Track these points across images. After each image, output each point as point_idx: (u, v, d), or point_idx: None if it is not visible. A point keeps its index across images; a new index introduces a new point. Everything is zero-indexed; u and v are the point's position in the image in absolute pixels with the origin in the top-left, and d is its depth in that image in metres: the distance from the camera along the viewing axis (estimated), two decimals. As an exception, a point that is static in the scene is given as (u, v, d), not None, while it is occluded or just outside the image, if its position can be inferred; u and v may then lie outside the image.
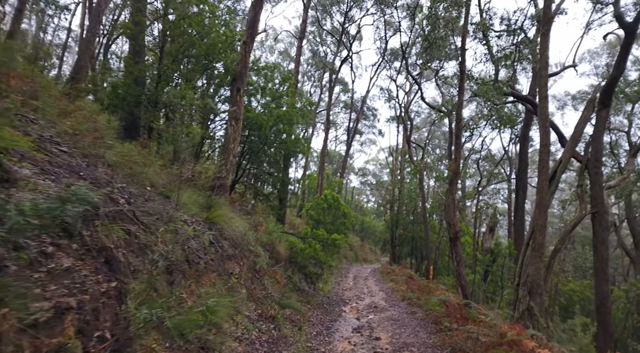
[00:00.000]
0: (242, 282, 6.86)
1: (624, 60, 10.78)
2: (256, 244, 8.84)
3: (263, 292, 7.51)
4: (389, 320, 8.48)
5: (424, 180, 20.45)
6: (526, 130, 16.17)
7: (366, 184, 56.64)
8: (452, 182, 9.28)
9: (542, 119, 7.36)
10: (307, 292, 10.55)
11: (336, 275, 17.06)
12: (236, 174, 12.69)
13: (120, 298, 3.13)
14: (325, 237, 10.87)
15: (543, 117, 7.36)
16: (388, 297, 12.07)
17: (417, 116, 35.87)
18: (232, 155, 9.95)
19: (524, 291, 11.77)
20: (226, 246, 6.60)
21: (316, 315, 8.54)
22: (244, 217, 10.75)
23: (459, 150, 9.26)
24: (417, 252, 23.38)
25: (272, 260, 9.46)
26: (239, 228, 7.57)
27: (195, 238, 5.49)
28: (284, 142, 12.62)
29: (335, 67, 25.56)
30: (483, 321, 6.56)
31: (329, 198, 19.34)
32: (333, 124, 40.78)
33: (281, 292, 8.80)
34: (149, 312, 2.93)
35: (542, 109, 7.32)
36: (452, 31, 10.90)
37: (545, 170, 7.38)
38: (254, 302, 6.95)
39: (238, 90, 10.00)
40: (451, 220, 9.23)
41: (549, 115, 14.09)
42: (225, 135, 10.09)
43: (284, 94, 12.76)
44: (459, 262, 9.11)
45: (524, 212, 16.49)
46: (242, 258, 7.23)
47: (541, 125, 7.43)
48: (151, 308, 3.03)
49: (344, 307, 10.21)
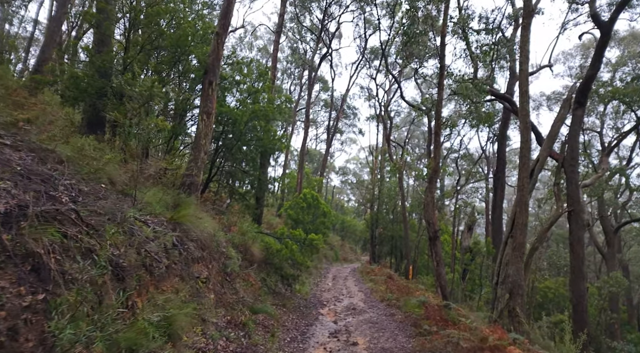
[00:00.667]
0: (211, 286, 6.41)
1: (599, 59, 10.84)
2: (228, 245, 8.39)
3: (234, 296, 7.07)
4: (368, 323, 8.19)
5: (403, 179, 20.36)
6: (504, 129, 16.25)
7: (347, 183, 56.60)
8: (431, 179, 9.08)
9: (522, 114, 7.22)
10: (283, 294, 10.16)
11: (315, 276, 16.71)
12: (210, 172, 12.17)
13: (48, 314, 2.66)
14: (302, 237, 10.50)
15: (524, 113, 7.22)
16: (367, 298, 11.80)
17: (397, 115, 35.93)
18: (203, 152, 9.45)
19: (502, 290, 11.73)
20: (192, 248, 6.13)
21: (291, 319, 8.16)
22: (215, 217, 10.26)
23: (438, 147, 9.06)
24: (396, 251, 23.31)
25: (246, 262, 9.02)
26: (208, 229, 7.09)
27: (155, 240, 5.02)
28: (261, 139, 12.17)
29: (315, 64, 25.21)
30: (463, 324, 6.35)
31: (308, 197, 18.99)
32: (313, 122, 40.45)
33: (255, 296, 8.38)
34: (74, 331, 2.48)
35: (522, 104, 7.18)
36: (431, 26, 10.72)
37: (526, 167, 7.25)
38: (224, 307, 6.51)
39: (210, 84, 9.51)
40: (430, 219, 9.02)
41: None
42: (197, 131, 9.58)
43: (260, 89, 12.32)
44: (438, 262, 8.91)
45: (502, 210, 16.57)
46: (211, 261, 6.78)
47: (522, 121, 7.28)
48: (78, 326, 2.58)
49: (322, 309, 9.87)
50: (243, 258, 9.00)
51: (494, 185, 15.87)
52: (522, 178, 7.21)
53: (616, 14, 10.08)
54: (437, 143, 9.01)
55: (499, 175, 15.71)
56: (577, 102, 11.52)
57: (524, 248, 7.30)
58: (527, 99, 7.22)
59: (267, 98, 12.35)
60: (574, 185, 11.37)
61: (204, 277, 6.26)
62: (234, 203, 14.16)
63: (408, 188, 29.38)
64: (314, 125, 42.03)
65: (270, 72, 14.27)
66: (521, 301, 7.12)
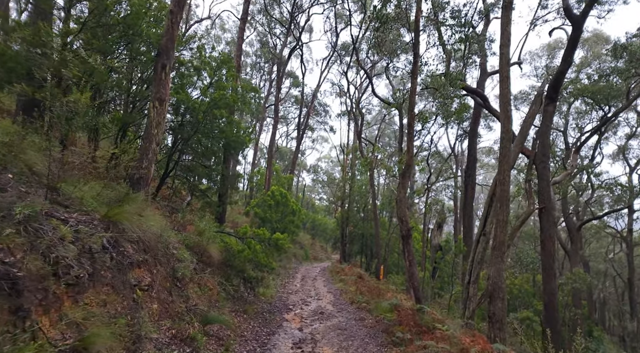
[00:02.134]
0: (154, 294, 5.54)
1: (571, 53, 10.71)
2: (181, 247, 7.50)
3: (184, 305, 6.21)
4: (336, 329, 7.54)
5: (374, 176, 19.92)
6: (475, 125, 16.13)
7: (318, 182, 56.05)
8: (404, 175, 8.56)
9: (503, 102, 6.80)
10: (245, 299, 9.35)
11: (283, 277, 15.94)
12: (167, 166, 11.17)
13: None
14: (266, 236, 9.72)
15: (505, 100, 6.79)
16: (336, 300, 11.18)
17: (368, 113, 35.70)
18: (155, 143, 8.47)
19: (474, 289, 11.42)
20: (131, 251, 5.24)
21: (252, 328, 7.38)
22: (169, 216, 9.31)
23: (411, 140, 8.56)
24: (367, 250, 22.90)
25: (202, 265, 8.15)
26: (154, 228, 6.19)
27: (76, 242, 4.12)
28: (223, 131, 11.27)
29: (284, 58, 24.36)
30: (440, 331, 5.82)
31: (277, 195, 18.18)
32: (283, 118, 39.55)
33: (211, 303, 7.53)
34: None
35: (503, 90, 6.75)
36: (405, 9, 10.20)
37: (507, 159, 6.82)
38: (170, 319, 5.65)
39: (163, 67, 8.55)
40: (403, 217, 8.50)
41: (495, 111, 13.99)
42: (148, 119, 8.59)
43: (222, 76, 11.41)
44: (411, 262, 8.41)
45: (473, 207, 16.47)
46: (156, 265, 5.89)
47: (502, 110, 6.85)
48: None
49: (287, 314, 9.13)
50: (199, 260, 8.13)
51: (465, 183, 15.71)
52: (503, 172, 6.78)
53: (588, 8, 9.97)
54: (411, 136, 8.50)
55: (470, 172, 15.55)
56: (549, 98, 11.39)
57: (505, 247, 6.90)
58: (507, 85, 6.79)
59: (231, 87, 11.47)
60: (545, 182, 11.22)
61: (145, 284, 5.38)
62: (195, 200, 13.17)
63: (379, 186, 29.09)
64: (284, 122, 41.13)
65: (234, 60, 13.35)
66: (502, 306, 6.68)
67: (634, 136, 25.91)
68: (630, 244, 26.32)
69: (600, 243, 35.77)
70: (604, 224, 29.17)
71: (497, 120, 13.17)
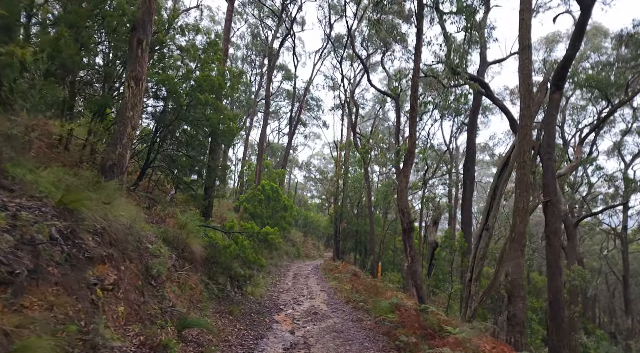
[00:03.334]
0: (121, 295, 4.76)
1: (579, 39, 10.11)
2: (158, 241, 6.71)
3: (158, 306, 5.43)
4: (332, 331, 6.82)
5: (369, 171, 19.21)
6: (474, 117, 15.53)
7: (310, 179, 55.30)
8: (406, 163, 7.86)
9: (524, 75, 6.11)
10: (232, 299, 8.59)
11: (274, 275, 15.18)
12: (148, 156, 10.33)
13: None
14: (255, 230, 8.96)
15: (526, 73, 6.10)
16: (331, 299, 10.47)
17: (362, 109, 35.00)
18: (131, 127, 7.67)
19: (476, 287, 10.79)
20: (92, 244, 4.46)
21: (238, 331, 6.63)
22: (146, 208, 8.50)
23: (414, 125, 7.85)
24: (361, 247, 22.23)
25: (183, 261, 7.37)
26: (124, 220, 5.40)
27: (13, 231, 3.34)
28: (209, 118, 10.46)
29: (275, 50, 23.52)
30: (451, 335, 5.13)
31: (267, 189, 17.39)
32: (275, 114, 38.71)
33: (193, 304, 6.77)
34: None
35: (524, 62, 6.05)
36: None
37: (529, 139, 6.14)
38: (141, 323, 4.87)
39: (139, 43, 7.73)
40: (404, 208, 7.81)
41: (498, 100, 13.39)
42: (122, 101, 7.78)
43: (209, 60, 10.60)
44: (413, 258, 7.72)
45: (472, 203, 15.90)
46: (124, 261, 5.10)
47: (523, 83, 6.15)
48: None
49: (277, 315, 8.39)
50: (179, 257, 7.34)
51: (464, 177, 15.12)
52: (524, 154, 6.08)
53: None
54: (413, 120, 7.79)
55: (469, 166, 14.96)
56: (555, 86, 10.80)
57: (525, 239, 6.22)
58: (529, 55, 6.10)
59: (218, 70, 10.67)
60: (550, 174, 10.64)
61: (109, 283, 4.60)
62: (180, 194, 12.33)
63: (373, 182, 28.47)
64: (275, 117, 40.28)
65: (222, 44, 12.51)
66: (523, 305, 6.00)
67: (629, 132, 25.64)
68: (626, 241, 26.07)
69: (593, 241, 35.61)
70: (599, 221, 28.93)
71: (501, 110, 12.57)
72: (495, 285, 11.72)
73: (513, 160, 10.96)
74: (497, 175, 10.97)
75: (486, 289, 11.07)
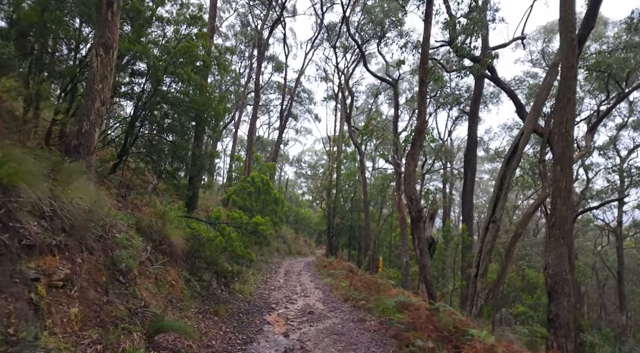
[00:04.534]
0: (75, 293, 3.83)
1: (593, 15, 9.39)
2: (130, 231, 5.77)
3: (126, 306, 4.51)
4: (331, 334, 5.97)
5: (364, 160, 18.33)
6: (475, 106, 14.82)
7: (301, 175, 54.39)
8: (415, 143, 7.03)
9: (565, 26, 5.29)
10: (218, 297, 7.67)
11: (264, 271, 14.28)
12: (125, 142, 9.37)
13: None
14: (244, 220, 8.06)
15: (568, 24, 5.30)
16: (326, 297, 9.63)
17: (355, 101, 34.18)
18: (99, 101, 6.71)
19: (482, 283, 10.06)
20: (35, 229, 3.53)
21: (223, 334, 5.73)
22: (121, 197, 7.54)
23: (423, 100, 6.99)
24: (355, 242, 21.42)
25: (161, 254, 6.43)
26: (84, 203, 4.46)
27: None
28: (193, 99, 9.50)
29: (264, 39, 22.52)
30: (477, 340, 4.30)
31: (257, 181, 16.44)
32: (265, 107, 37.67)
33: (171, 303, 5.85)
34: None
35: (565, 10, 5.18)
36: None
37: (572, 106, 5.32)
38: (101, 327, 3.95)
39: (109, 5, 6.77)
40: (412, 195, 6.98)
41: (504, 83, 12.69)
42: (90, 72, 6.80)
43: (192, 35, 9.64)
44: (422, 251, 6.91)
45: (473, 195, 15.22)
46: (81, 251, 4.17)
47: (564, 37, 5.35)
48: None
49: (269, 315, 7.51)
50: (156, 249, 6.41)
51: (464, 168, 14.41)
52: (566, 122, 5.20)
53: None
54: (423, 95, 6.92)
55: (470, 156, 14.24)
56: (566, 67, 10.10)
57: (567, 224, 5.39)
58: (572, 3, 5.31)
59: (203, 46, 9.71)
60: (563, 161, 9.95)
61: (58, 278, 3.67)
62: (163, 184, 11.33)
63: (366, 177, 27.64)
64: (265, 110, 39.22)
65: (208, 21, 11.52)
66: (568, 304, 5.13)
67: (625, 126, 25.31)
68: (620, 237, 25.80)
69: (585, 237, 35.47)
70: (593, 216, 28.67)
71: (507, 94, 11.86)
72: (501, 281, 11.00)
73: (522, 146, 10.26)
74: (505, 163, 10.25)
75: (492, 285, 10.36)
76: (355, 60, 27.23)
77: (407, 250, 14.50)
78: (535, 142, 17.59)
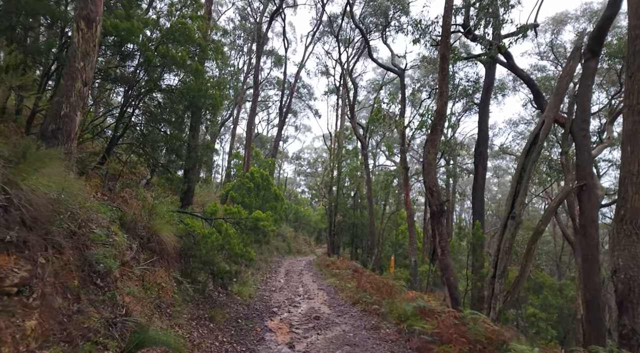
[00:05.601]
0: (35, 301, 3.09)
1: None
2: (112, 225, 5.03)
3: (101, 316, 3.76)
4: (343, 344, 5.23)
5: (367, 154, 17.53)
6: (486, 97, 14.09)
7: (300, 173, 53.65)
8: (435, 129, 6.29)
9: None
10: (214, 300, 6.95)
11: (264, 271, 13.56)
12: (115, 131, 8.64)
13: None
14: (243, 216, 7.32)
15: None
16: (332, 299, 8.90)
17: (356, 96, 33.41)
18: (81, 81, 5.95)
19: (500, 285, 9.35)
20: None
21: (219, 346, 5.00)
22: (108, 189, 6.79)
23: (445, 78, 6.21)
24: (357, 241, 20.68)
25: (149, 253, 5.70)
26: (51, 192, 3.71)
27: None
28: (189, 87, 8.75)
29: (263, 32, 21.74)
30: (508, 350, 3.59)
31: (257, 177, 15.70)
32: (264, 103, 36.87)
33: (159, 309, 5.11)
34: None
35: None
36: None
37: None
38: (67, 342, 3.21)
39: (92, -29, 6.02)
40: (433, 186, 6.24)
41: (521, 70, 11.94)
42: (70, 48, 6.04)
43: (186, 17, 8.87)
44: (444, 249, 6.18)
45: (484, 191, 14.51)
46: (45, 249, 3.43)
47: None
48: None
49: (270, 321, 6.78)
50: (144, 247, 5.67)
51: (475, 162, 13.70)
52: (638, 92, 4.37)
53: None
54: (445, 72, 6.13)
55: (481, 149, 13.52)
56: (590, 51, 9.38)
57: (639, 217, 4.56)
58: None
59: (199, 29, 8.95)
60: (585, 153, 9.24)
61: (11, 283, 2.93)
62: (157, 178, 10.57)
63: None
64: (264, 106, 38.43)
65: (205, 5, 10.76)
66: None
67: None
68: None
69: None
70: (602, 214, 28.04)
71: (525, 82, 11.15)
72: (521, 282, 10.29)
73: (542, 136, 9.52)
74: (524, 154, 9.52)
75: (510, 287, 9.65)
76: (357, 54, 26.49)
77: (415, 249, 13.78)
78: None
